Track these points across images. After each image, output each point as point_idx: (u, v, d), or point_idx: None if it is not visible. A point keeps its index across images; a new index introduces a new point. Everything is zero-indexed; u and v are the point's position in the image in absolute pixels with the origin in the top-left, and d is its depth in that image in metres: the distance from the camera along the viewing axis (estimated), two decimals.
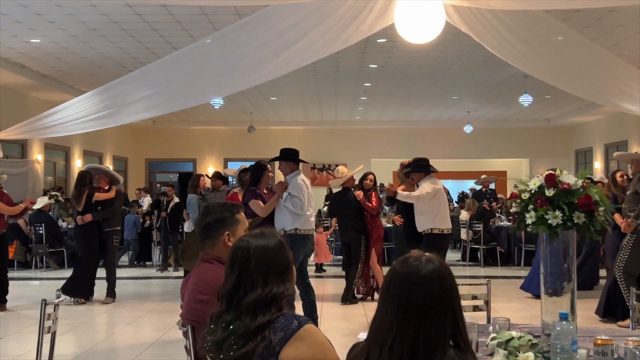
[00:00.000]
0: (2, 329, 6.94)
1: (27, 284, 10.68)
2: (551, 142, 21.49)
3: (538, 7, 6.22)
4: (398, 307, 1.64)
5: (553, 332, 2.20)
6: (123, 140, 20.50)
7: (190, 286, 2.65)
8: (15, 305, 8.28)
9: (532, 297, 8.54)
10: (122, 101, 8.57)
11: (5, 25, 9.51)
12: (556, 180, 2.46)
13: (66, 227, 12.91)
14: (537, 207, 2.45)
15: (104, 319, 7.64)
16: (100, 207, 8.67)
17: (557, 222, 2.41)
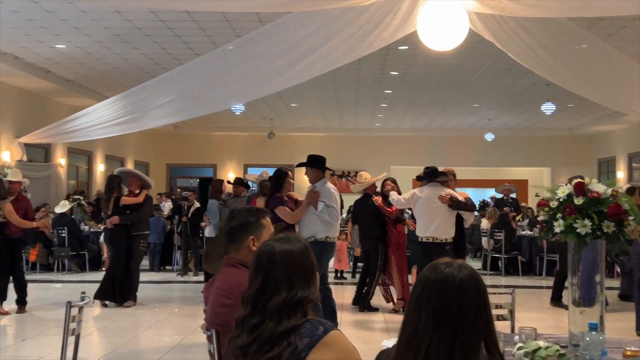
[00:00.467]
0: (24, 331, 7.02)
1: (49, 287, 10.79)
2: (573, 151, 21.28)
3: (562, 14, 6.18)
4: (434, 314, 1.63)
5: (582, 342, 2.16)
6: (144, 146, 20.67)
7: (214, 290, 2.66)
8: (38, 308, 8.37)
9: (553, 308, 8.45)
10: (144, 106, 8.66)
11: (31, 31, 9.65)
12: (585, 188, 2.44)
13: (88, 230, 13.03)
14: (566, 216, 2.42)
15: (125, 322, 7.69)
16: (129, 211, 8.74)
17: (586, 231, 2.38)
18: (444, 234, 7.11)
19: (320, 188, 6.38)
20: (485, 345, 1.66)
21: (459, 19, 5.29)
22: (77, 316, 3.06)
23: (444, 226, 7.14)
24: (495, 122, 19.02)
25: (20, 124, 13.03)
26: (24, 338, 6.70)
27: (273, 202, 6.35)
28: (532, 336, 2.45)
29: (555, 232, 2.48)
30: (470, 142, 20.76)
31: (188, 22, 9.27)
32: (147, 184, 9.20)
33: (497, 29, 6.22)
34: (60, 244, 12.03)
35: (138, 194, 8.91)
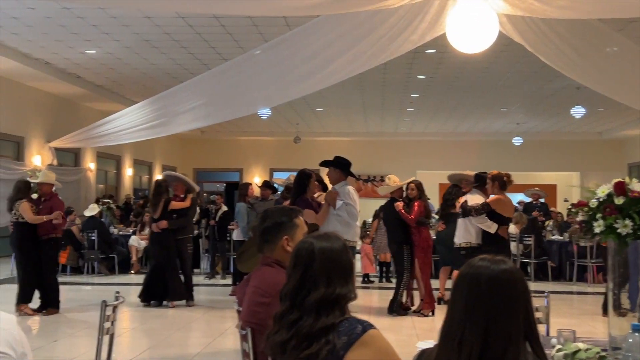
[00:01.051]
0: (56, 332, 7.11)
1: (79, 289, 10.92)
2: (603, 155, 20.97)
3: (593, 16, 6.10)
4: (466, 305, 1.67)
5: (625, 344, 2.13)
6: (172, 150, 20.88)
7: (250, 289, 2.66)
8: (68, 309, 8.47)
9: (585, 314, 8.32)
10: (172, 111, 8.74)
11: (63, 37, 9.82)
12: (626, 188, 2.39)
13: (117, 233, 13.17)
14: (606, 216, 2.38)
15: (155, 325, 7.74)
16: (176, 215, 8.81)
17: (627, 231, 2.34)
18: (457, 239, 7.35)
19: (340, 189, 6.38)
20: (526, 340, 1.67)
21: (488, 21, 5.24)
22: (111, 316, 3.09)
23: (459, 231, 7.36)
24: (523, 126, 18.83)
25: (51, 128, 13.24)
26: (56, 339, 6.78)
27: (300, 205, 6.26)
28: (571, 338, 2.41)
29: (594, 232, 2.44)
30: (497, 146, 20.58)
31: (216, 27, 9.35)
32: (192, 189, 9.28)
33: (527, 31, 6.16)
34: (90, 247, 12.18)
35: (184, 198, 8.98)
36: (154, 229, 8.76)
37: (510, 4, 5.25)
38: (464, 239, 7.24)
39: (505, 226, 7.03)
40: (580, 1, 5.15)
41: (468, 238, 7.20)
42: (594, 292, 10.56)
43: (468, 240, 7.20)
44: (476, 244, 7.10)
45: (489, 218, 6.87)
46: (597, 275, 11.49)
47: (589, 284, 11.11)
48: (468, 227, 7.19)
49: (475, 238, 7.14)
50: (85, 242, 12.28)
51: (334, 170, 6.57)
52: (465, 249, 7.15)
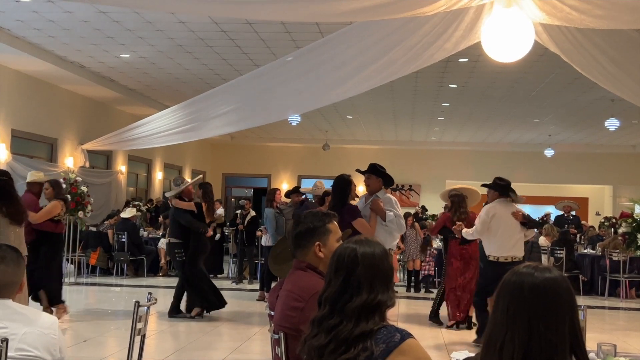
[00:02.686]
0: (85, 332, 7.18)
1: (108, 290, 11.06)
2: (637, 169, 20.51)
3: (632, 26, 6.00)
4: (507, 311, 1.67)
5: None
6: (202, 155, 21.04)
7: (284, 292, 2.65)
8: (97, 310, 8.56)
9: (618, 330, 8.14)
10: (204, 116, 8.80)
11: (98, 41, 9.96)
12: None
13: (147, 236, 13.30)
14: None
15: (183, 328, 7.78)
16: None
17: None
18: (520, 252, 6.87)
19: (383, 198, 6.27)
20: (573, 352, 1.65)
21: (524, 30, 5.18)
22: (143, 316, 3.11)
23: (509, 244, 6.84)
24: (555, 137, 18.58)
25: (84, 131, 13.44)
26: (85, 339, 6.85)
27: (351, 214, 5.94)
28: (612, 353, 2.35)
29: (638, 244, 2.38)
30: (529, 157, 20.33)
31: (249, 33, 9.40)
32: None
33: (563, 41, 6.08)
34: (120, 249, 12.32)
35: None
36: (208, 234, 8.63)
37: (547, 13, 5.18)
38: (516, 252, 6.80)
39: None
40: (619, 11, 5.06)
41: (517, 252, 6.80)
42: (626, 308, 10.36)
43: (516, 254, 6.79)
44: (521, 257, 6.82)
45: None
46: (630, 290, 11.26)
47: (621, 299, 10.89)
48: (518, 241, 6.81)
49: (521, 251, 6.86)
50: (115, 243, 12.42)
51: (375, 178, 6.40)
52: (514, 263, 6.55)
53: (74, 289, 10.59)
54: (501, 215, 6.81)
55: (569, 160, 20.42)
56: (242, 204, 12.22)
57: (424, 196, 20.85)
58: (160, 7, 7.95)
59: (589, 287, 11.74)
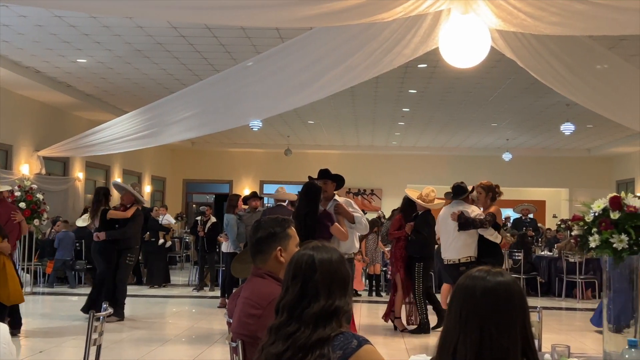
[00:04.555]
0: (41, 343, 7.00)
1: (65, 299, 10.81)
2: (592, 172, 21.09)
3: (585, 32, 6.15)
4: (460, 314, 1.68)
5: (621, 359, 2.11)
6: (162, 161, 20.80)
7: (242, 300, 2.63)
8: (54, 320, 8.37)
9: (574, 330, 8.31)
10: (163, 122, 8.70)
11: (53, 45, 9.77)
12: (622, 202, 2.39)
13: None
14: (602, 231, 2.37)
15: (143, 336, 7.65)
16: (117, 225, 8.71)
17: (623, 246, 2.33)
18: (454, 254, 6.95)
19: (342, 201, 6.32)
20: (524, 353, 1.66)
21: (481, 36, 5.26)
22: (99, 326, 3.04)
23: (453, 245, 6.96)
24: (513, 141, 18.92)
25: (40, 137, 13.15)
26: (41, 350, 6.68)
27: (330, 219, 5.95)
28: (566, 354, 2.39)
29: (590, 247, 2.43)
30: (487, 161, 20.64)
31: (209, 38, 9.34)
32: (139, 202, 9.18)
33: (519, 47, 6.19)
34: (76, 257, 12.07)
35: (129, 208, 8.88)
36: (95, 238, 8.65)
37: (503, 19, 5.27)
38: (465, 254, 6.88)
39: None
40: (573, 18, 5.18)
41: (469, 252, 6.87)
42: (582, 308, 10.58)
43: (469, 255, 6.87)
44: (474, 257, 6.86)
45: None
46: (586, 291, 11.52)
47: (577, 300, 11.13)
48: (467, 240, 6.89)
49: (474, 251, 6.89)
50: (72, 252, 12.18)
51: (331, 183, 6.46)
52: (466, 264, 6.74)
53: (30, 298, 10.33)
54: (444, 218, 7.00)
55: (527, 164, 20.81)
56: (203, 210, 12.11)
57: (385, 200, 20.98)
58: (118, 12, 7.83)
59: (546, 288, 11.98)
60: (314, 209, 5.89)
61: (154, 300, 10.00)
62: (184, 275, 14.46)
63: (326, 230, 5.75)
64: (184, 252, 16.45)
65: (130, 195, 9.06)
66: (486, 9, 5.15)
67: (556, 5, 4.86)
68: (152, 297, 11.01)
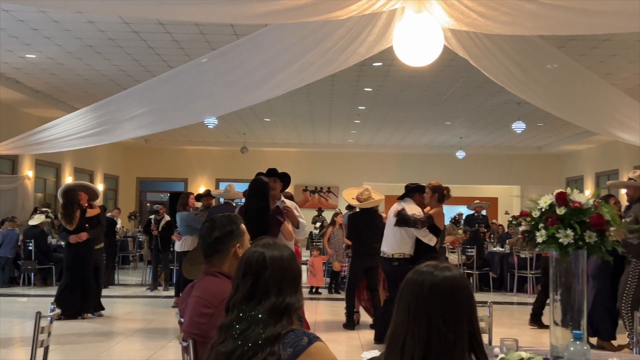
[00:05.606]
0: None
1: (14, 300, 10.53)
2: (542, 169, 21.60)
3: (535, 32, 6.27)
4: (408, 309, 1.69)
5: (567, 352, 2.16)
6: (114, 159, 20.43)
7: (193, 299, 2.60)
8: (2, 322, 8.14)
9: (525, 324, 8.49)
10: (116, 118, 8.53)
11: (1, 40, 9.49)
12: (567, 198, 2.45)
13: (55, 243, 12.77)
14: (548, 226, 2.43)
15: (94, 337, 7.51)
16: (88, 225, 8.56)
17: (569, 241, 2.39)
18: (389, 249, 7.01)
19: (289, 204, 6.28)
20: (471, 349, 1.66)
21: (434, 35, 5.32)
22: (46, 327, 2.96)
23: (389, 240, 7.02)
24: (466, 139, 19.22)
25: None
26: None
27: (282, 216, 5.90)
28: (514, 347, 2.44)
29: (537, 242, 2.49)
30: (442, 159, 20.93)
31: (162, 34, 9.21)
32: (94, 195, 9.03)
33: (471, 46, 6.28)
34: (26, 257, 11.78)
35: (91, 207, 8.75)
36: (72, 240, 8.47)
37: (455, 18, 5.34)
38: (399, 250, 6.89)
39: (439, 238, 7.04)
40: (523, 18, 5.28)
41: (403, 249, 6.88)
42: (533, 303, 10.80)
43: (402, 252, 6.88)
44: (409, 254, 6.88)
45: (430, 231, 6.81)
46: (537, 286, 11.77)
47: (528, 295, 11.37)
48: (404, 238, 6.89)
49: (410, 249, 6.90)
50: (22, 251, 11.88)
51: (280, 182, 6.44)
52: (399, 259, 6.83)
53: None
54: (390, 214, 7.11)
55: (480, 161, 21.18)
56: (157, 208, 11.94)
57: (342, 198, 21.06)
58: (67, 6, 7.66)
59: (498, 283, 12.21)
60: (266, 204, 5.86)
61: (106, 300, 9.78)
62: (137, 275, 14.24)
63: (278, 226, 5.74)
64: (137, 252, 16.20)
65: (86, 192, 8.90)
66: (439, 8, 5.21)
67: (507, 5, 4.95)
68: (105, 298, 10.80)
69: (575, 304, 2.47)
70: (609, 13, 5.01)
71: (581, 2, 4.90)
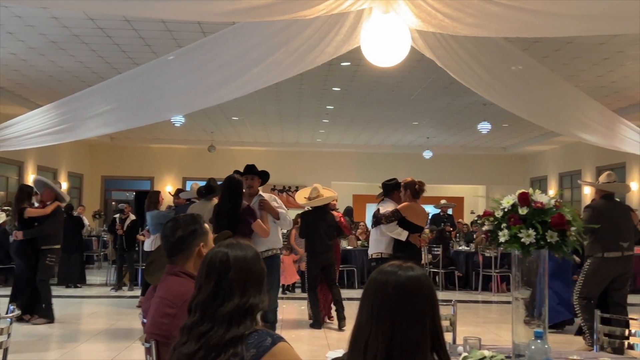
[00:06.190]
0: None
1: None
2: (507, 169, 21.91)
3: (501, 34, 6.35)
4: (372, 308, 1.68)
5: (528, 350, 2.19)
6: (79, 157, 20.10)
7: (156, 300, 2.57)
8: None
9: (490, 322, 8.60)
10: (80, 116, 8.38)
11: None
12: (529, 199, 2.49)
13: None
14: (511, 226, 2.46)
15: (58, 338, 7.38)
16: (37, 223, 8.38)
17: (530, 240, 2.43)
18: (370, 250, 7.15)
19: (267, 197, 6.27)
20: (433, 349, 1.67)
21: (401, 35, 5.34)
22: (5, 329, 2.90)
23: (370, 241, 7.21)
24: (433, 140, 19.38)
25: None
26: None
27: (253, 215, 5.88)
28: (477, 346, 2.47)
29: (499, 242, 2.52)
30: (409, 159, 21.08)
31: (128, 31, 9.09)
32: (61, 199, 8.86)
33: (437, 47, 6.33)
34: None
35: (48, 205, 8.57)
36: (14, 237, 8.35)
37: (422, 19, 5.38)
38: (376, 250, 7.01)
39: (417, 234, 6.96)
40: (488, 20, 5.34)
41: (379, 248, 6.98)
42: (498, 301, 10.97)
43: (379, 251, 6.98)
44: (387, 254, 6.93)
45: (400, 226, 6.82)
46: (501, 284, 11.95)
47: (493, 293, 11.53)
48: (379, 237, 7.01)
49: (386, 248, 6.95)
50: None
51: (258, 179, 6.44)
52: (376, 259, 6.92)
53: None
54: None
55: (446, 161, 21.38)
56: (122, 207, 11.79)
57: None
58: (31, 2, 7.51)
59: (464, 282, 12.35)
60: (236, 203, 5.82)
61: (70, 300, 9.66)
62: (101, 275, 14.05)
63: (248, 226, 5.72)
64: (101, 251, 15.97)
65: (50, 191, 8.72)
66: (406, 8, 5.24)
67: (472, 6, 5.00)
68: (69, 298, 10.64)
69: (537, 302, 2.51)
70: (572, 16, 5.09)
71: (545, 5, 4.98)
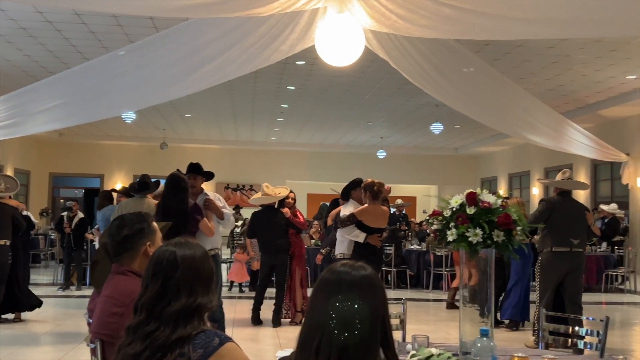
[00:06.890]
0: None
1: None
2: (459, 170, 22.29)
3: (453, 36, 6.45)
4: (326, 309, 1.65)
5: (474, 348, 2.23)
6: (26, 153, 19.56)
7: (102, 299, 2.52)
8: None
9: (441, 321, 8.72)
10: (27, 111, 8.16)
11: None
12: (477, 198, 2.53)
13: None
14: (458, 225, 2.50)
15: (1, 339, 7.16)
16: None
17: (478, 239, 2.47)
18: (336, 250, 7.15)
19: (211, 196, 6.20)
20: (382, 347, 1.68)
21: (355, 35, 5.37)
22: None
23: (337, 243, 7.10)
24: (387, 140, 19.57)
25: None
26: None
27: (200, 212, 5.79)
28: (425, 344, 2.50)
29: (448, 240, 2.56)
30: (363, 158, 21.23)
31: (77, 25, 8.89)
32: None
33: (391, 48, 6.39)
34: None
35: None
36: None
37: (376, 20, 5.42)
38: (339, 251, 6.96)
39: (377, 235, 6.94)
40: (441, 22, 5.41)
41: (341, 249, 6.92)
42: None
43: (341, 252, 6.91)
44: (349, 254, 7.02)
45: (359, 228, 6.81)
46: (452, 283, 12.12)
47: (444, 292, 11.69)
48: (341, 239, 6.95)
49: (347, 249, 6.86)
50: None
51: (201, 178, 6.34)
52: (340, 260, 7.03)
53: None
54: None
55: (399, 161, 21.61)
56: (70, 205, 11.52)
57: None
58: None
59: (415, 281, 12.49)
60: (183, 200, 5.75)
61: None
62: (48, 274, 13.69)
63: (195, 224, 5.65)
64: (48, 250, 15.58)
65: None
66: (360, 9, 5.27)
67: (426, 8, 5.06)
68: None
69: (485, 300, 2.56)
70: (523, 20, 5.21)
71: (497, 9, 5.07)
